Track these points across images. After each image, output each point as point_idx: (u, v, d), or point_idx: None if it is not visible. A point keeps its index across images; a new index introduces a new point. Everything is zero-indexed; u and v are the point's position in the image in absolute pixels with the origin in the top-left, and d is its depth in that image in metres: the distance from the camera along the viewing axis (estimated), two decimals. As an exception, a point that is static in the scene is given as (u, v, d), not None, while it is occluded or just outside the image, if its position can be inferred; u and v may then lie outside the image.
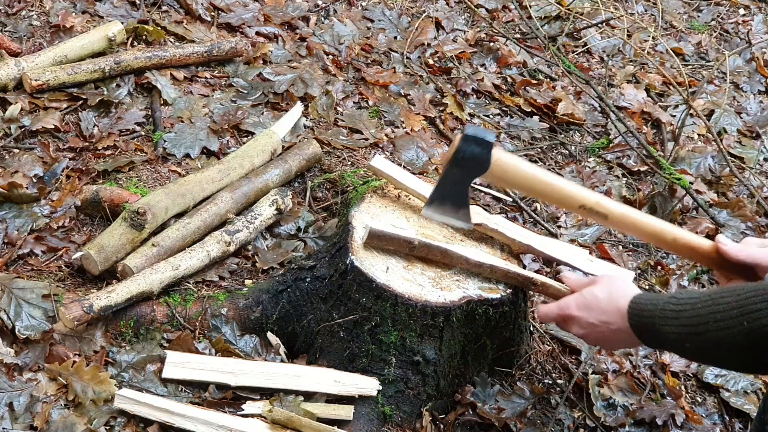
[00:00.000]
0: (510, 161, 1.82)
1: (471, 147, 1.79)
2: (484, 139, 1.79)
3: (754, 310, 1.47)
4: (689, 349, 1.61)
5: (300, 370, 1.97)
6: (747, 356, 1.51)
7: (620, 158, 3.08)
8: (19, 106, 2.52)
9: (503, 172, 1.81)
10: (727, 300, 1.52)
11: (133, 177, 2.43)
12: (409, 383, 1.97)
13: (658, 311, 1.62)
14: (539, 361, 2.24)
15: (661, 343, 1.66)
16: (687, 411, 2.20)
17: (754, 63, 3.76)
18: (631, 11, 3.86)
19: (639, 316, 1.66)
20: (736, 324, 1.49)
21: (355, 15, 3.36)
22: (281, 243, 2.37)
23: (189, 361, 1.95)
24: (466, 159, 1.80)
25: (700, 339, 1.55)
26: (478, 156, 1.79)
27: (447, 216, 1.89)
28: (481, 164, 1.80)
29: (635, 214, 1.84)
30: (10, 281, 2.04)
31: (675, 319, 1.58)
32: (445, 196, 1.86)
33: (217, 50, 2.88)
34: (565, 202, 1.85)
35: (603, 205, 1.82)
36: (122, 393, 1.85)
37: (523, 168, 1.82)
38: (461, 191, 1.86)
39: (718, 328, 1.51)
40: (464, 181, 1.85)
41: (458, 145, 1.79)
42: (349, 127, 2.83)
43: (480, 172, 1.81)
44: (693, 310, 1.56)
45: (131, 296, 2.01)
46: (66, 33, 2.81)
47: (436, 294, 1.92)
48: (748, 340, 1.47)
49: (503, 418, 2.04)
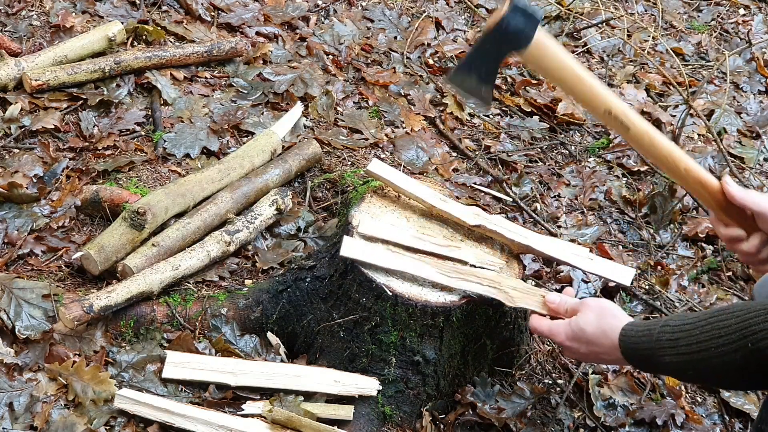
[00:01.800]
0: (551, 45, 1.72)
1: (517, 17, 1.68)
2: (533, 14, 1.69)
3: (756, 330, 1.45)
4: (691, 375, 1.60)
5: (300, 370, 1.97)
6: (752, 377, 1.49)
7: (620, 158, 3.08)
8: (19, 106, 2.52)
9: (541, 54, 1.71)
10: (726, 322, 1.50)
11: (133, 177, 2.43)
12: (409, 383, 1.97)
13: (654, 342, 1.60)
14: (539, 361, 2.24)
15: (660, 371, 1.64)
16: (687, 411, 2.20)
17: (754, 63, 3.76)
18: (631, 11, 3.85)
19: (633, 349, 1.64)
20: (739, 347, 1.47)
21: (355, 15, 3.36)
22: (281, 243, 2.37)
23: (189, 361, 1.95)
24: (509, 29, 1.69)
25: (702, 365, 1.53)
26: (522, 29, 1.68)
27: (469, 89, 1.79)
28: (522, 38, 1.69)
29: (656, 134, 1.77)
30: (10, 281, 2.04)
31: (672, 348, 1.56)
32: (474, 66, 1.77)
33: (217, 50, 2.88)
34: (592, 103, 1.77)
35: (629, 116, 1.75)
36: (122, 393, 1.85)
37: (561, 56, 1.73)
38: (491, 65, 1.77)
39: (721, 354, 1.50)
40: (498, 53, 1.74)
41: (505, 13, 1.68)
42: (349, 127, 2.83)
43: (518, 47, 1.70)
44: (691, 337, 1.55)
45: (131, 296, 2.01)
46: (66, 33, 2.81)
47: (436, 294, 1.92)
48: (752, 362, 1.46)
49: (503, 418, 2.04)
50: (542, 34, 1.70)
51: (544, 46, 1.71)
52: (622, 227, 2.82)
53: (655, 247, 2.75)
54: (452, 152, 2.89)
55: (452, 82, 1.82)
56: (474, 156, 2.88)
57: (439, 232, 2.07)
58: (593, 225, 2.77)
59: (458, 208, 2.09)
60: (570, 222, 2.76)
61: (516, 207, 2.73)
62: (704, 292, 2.61)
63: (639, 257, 2.71)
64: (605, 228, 2.78)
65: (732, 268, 2.72)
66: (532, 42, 1.69)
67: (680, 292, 2.58)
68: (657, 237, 2.80)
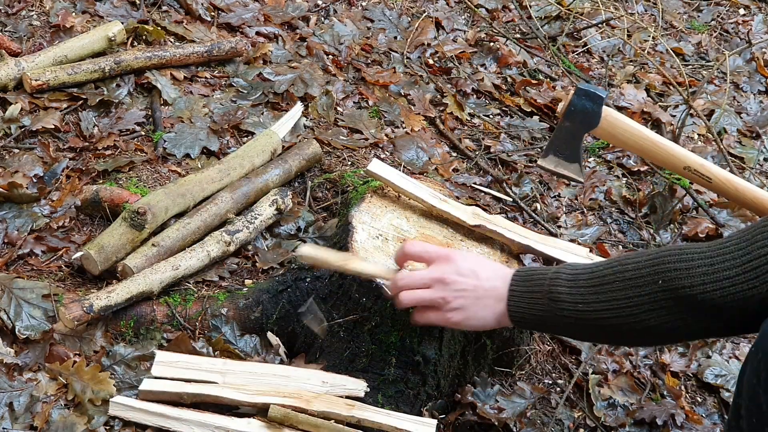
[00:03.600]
0: (619, 118, 1.90)
1: (583, 101, 1.87)
2: (596, 93, 1.87)
3: (670, 269, 1.42)
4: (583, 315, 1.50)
5: (288, 370, 1.97)
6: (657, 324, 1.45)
7: (620, 158, 3.08)
8: (19, 106, 2.52)
9: (613, 128, 1.90)
10: (636, 260, 1.47)
11: (133, 177, 2.43)
12: (409, 383, 1.97)
13: (551, 273, 1.54)
14: (539, 361, 2.24)
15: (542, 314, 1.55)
16: (687, 411, 2.20)
17: (754, 63, 3.76)
18: (631, 11, 3.85)
19: (524, 279, 1.58)
20: (648, 282, 1.43)
21: (355, 15, 3.36)
22: (281, 243, 2.37)
23: (178, 360, 1.95)
24: (578, 113, 1.88)
25: (600, 300, 1.47)
26: (590, 110, 1.88)
27: (560, 168, 1.98)
28: (592, 118, 1.88)
29: (738, 181, 1.90)
30: (10, 281, 2.04)
31: (572, 281, 1.51)
32: (559, 149, 1.96)
33: (217, 50, 2.88)
34: (670, 163, 1.93)
35: (707, 168, 1.91)
36: (116, 400, 1.84)
37: (632, 126, 1.90)
38: (574, 145, 1.95)
39: (626, 287, 1.45)
40: (576, 135, 1.93)
41: (571, 99, 1.88)
42: (349, 127, 2.83)
43: (591, 127, 1.89)
44: (592, 273, 1.50)
45: (131, 296, 2.01)
46: (66, 33, 2.81)
47: (436, 294, 1.92)
48: (662, 301, 1.43)
49: (503, 418, 2.04)
50: (609, 111, 1.90)
51: (615, 120, 1.90)
52: (622, 227, 2.83)
53: (655, 247, 2.75)
54: (452, 152, 2.89)
55: (542, 167, 2.02)
56: (474, 156, 2.88)
57: (439, 232, 2.07)
58: (593, 225, 2.77)
59: (458, 208, 2.09)
60: (570, 222, 2.76)
61: (516, 207, 2.73)
62: (704, 292, 2.61)
63: (639, 257, 2.71)
64: (605, 228, 2.78)
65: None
66: (602, 119, 1.89)
67: (680, 292, 2.58)
68: (657, 237, 2.80)
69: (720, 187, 1.89)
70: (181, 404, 1.87)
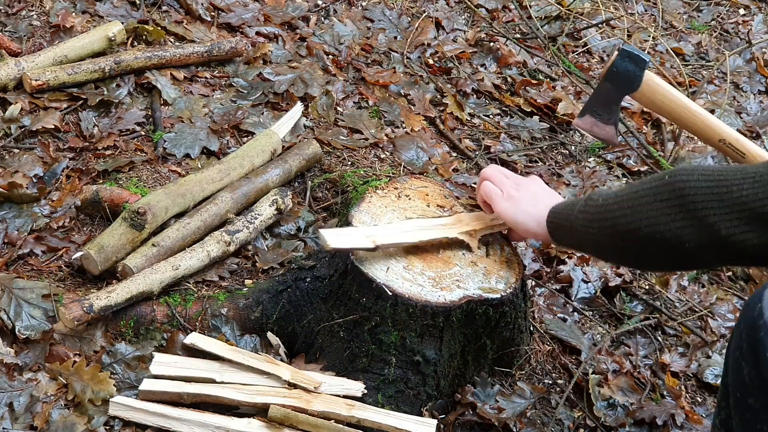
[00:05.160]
0: (660, 83, 1.89)
1: (626, 63, 1.87)
2: (640, 56, 1.87)
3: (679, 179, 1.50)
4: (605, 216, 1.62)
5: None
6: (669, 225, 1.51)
7: (620, 158, 3.08)
8: (19, 106, 2.52)
9: (653, 93, 1.89)
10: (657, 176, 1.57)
11: (133, 177, 2.43)
12: (409, 383, 1.97)
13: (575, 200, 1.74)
14: (539, 361, 2.24)
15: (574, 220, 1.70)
16: (687, 411, 2.20)
17: (754, 63, 3.76)
18: (631, 11, 3.85)
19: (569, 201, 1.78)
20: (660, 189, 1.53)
21: (355, 15, 3.36)
22: (281, 243, 2.37)
23: (176, 361, 1.95)
24: (620, 74, 1.88)
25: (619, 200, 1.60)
26: (632, 73, 1.87)
27: (595, 129, 1.98)
28: (633, 81, 1.88)
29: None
30: (10, 281, 2.04)
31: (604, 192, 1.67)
32: (596, 110, 1.95)
33: (217, 50, 2.88)
34: (705, 134, 1.91)
35: (742, 143, 1.88)
36: (116, 400, 1.85)
37: (671, 93, 1.90)
38: (612, 107, 1.95)
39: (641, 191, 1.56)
40: (616, 96, 1.94)
41: (614, 60, 1.87)
42: (349, 127, 2.83)
43: (631, 90, 1.89)
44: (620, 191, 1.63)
45: (131, 296, 2.01)
46: (66, 33, 2.81)
47: (436, 294, 1.92)
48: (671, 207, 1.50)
49: (503, 418, 2.04)
50: (651, 75, 1.89)
51: (655, 85, 1.90)
52: (622, 227, 2.82)
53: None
54: (452, 152, 2.89)
55: (578, 126, 2.02)
56: (474, 156, 2.88)
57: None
58: (593, 225, 2.76)
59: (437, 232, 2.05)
60: (570, 222, 2.76)
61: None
62: (704, 292, 2.61)
63: (639, 257, 2.70)
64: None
65: (732, 268, 2.72)
66: (643, 83, 1.88)
67: (680, 292, 2.58)
68: (657, 237, 2.79)
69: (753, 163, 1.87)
70: (181, 404, 1.88)
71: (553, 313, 2.40)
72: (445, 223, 2.05)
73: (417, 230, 2.01)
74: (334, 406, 1.89)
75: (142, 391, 1.87)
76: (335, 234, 1.94)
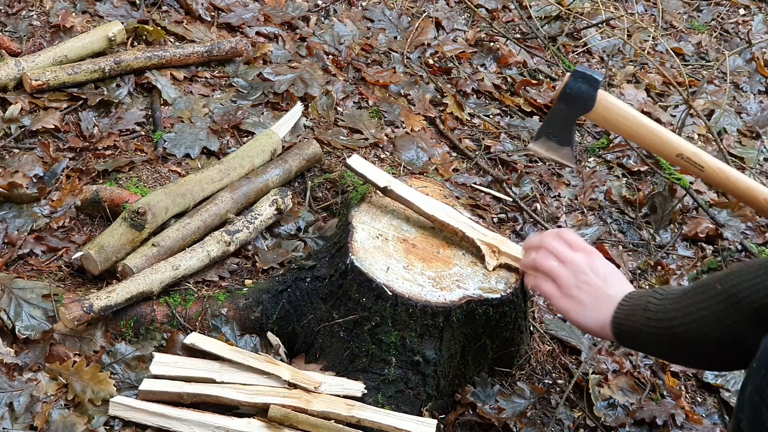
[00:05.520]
0: (615, 102, 1.88)
1: (579, 83, 1.86)
2: (593, 76, 1.86)
3: (735, 283, 1.46)
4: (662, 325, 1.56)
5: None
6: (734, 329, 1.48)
7: (620, 158, 3.08)
8: (19, 106, 2.52)
9: (607, 111, 1.88)
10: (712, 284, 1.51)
11: (133, 177, 2.43)
12: (409, 383, 1.97)
13: (651, 291, 1.62)
14: (539, 361, 2.24)
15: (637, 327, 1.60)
16: (687, 411, 2.20)
17: (754, 63, 3.76)
18: (631, 11, 3.85)
19: (632, 296, 1.64)
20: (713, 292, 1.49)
21: (355, 15, 3.36)
22: (281, 243, 2.37)
23: (176, 361, 1.95)
24: (573, 95, 1.87)
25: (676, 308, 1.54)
26: (585, 93, 1.86)
27: (551, 152, 1.95)
28: (587, 101, 1.86)
29: (730, 170, 1.87)
30: (10, 281, 2.04)
31: (663, 294, 1.58)
32: (552, 132, 1.92)
33: (217, 50, 2.88)
34: (663, 149, 1.89)
35: (700, 156, 1.86)
36: (116, 400, 1.85)
37: (626, 111, 1.88)
38: (567, 129, 1.92)
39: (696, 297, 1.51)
40: (570, 118, 1.91)
41: (567, 81, 1.86)
42: (349, 127, 2.83)
43: (585, 110, 1.87)
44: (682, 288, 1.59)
45: (131, 296, 2.01)
46: (66, 33, 2.81)
47: (436, 294, 1.92)
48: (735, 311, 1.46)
49: (503, 418, 2.04)
50: (605, 95, 1.88)
51: (609, 104, 1.88)
52: (622, 227, 2.83)
53: (655, 247, 2.75)
54: (452, 152, 2.89)
55: (534, 151, 1.98)
56: (474, 156, 2.88)
57: (440, 232, 2.07)
58: (593, 225, 2.77)
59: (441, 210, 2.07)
60: (570, 222, 2.76)
61: (516, 207, 2.73)
62: (704, 292, 2.61)
63: (639, 257, 2.71)
64: (605, 228, 2.78)
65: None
66: (597, 103, 1.86)
67: (680, 292, 2.58)
68: (657, 237, 2.80)
69: (712, 176, 1.85)
70: (181, 404, 1.88)
71: (553, 313, 2.40)
72: (474, 227, 2.03)
73: (436, 207, 2.02)
74: (334, 406, 1.89)
75: (142, 391, 1.87)
76: (361, 161, 2.10)
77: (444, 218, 2.02)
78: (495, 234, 2.06)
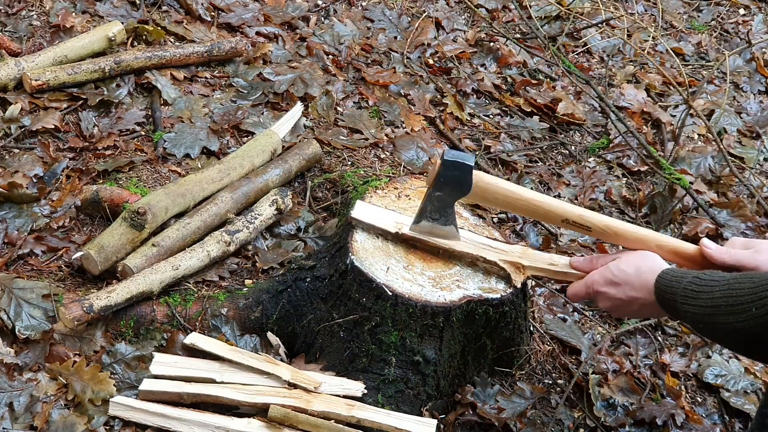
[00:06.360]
0: (490, 182, 1.87)
1: (450, 171, 1.84)
2: (464, 162, 1.83)
3: (763, 296, 1.49)
4: (703, 329, 1.66)
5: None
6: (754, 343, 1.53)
7: (620, 158, 3.08)
8: (19, 106, 2.52)
9: (484, 192, 1.87)
10: (742, 286, 1.55)
11: (133, 177, 2.43)
12: (409, 383, 1.97)
13: (681, 290, 1.65)
14: (539, 361, 2.24)
15: (681, 318, 1.70)
16: (687, 411, 2.20)
17: (754, 63, 3.76)
18: (631, 11, 3.85)
19: (663, 291, 1.69)
20: (745, 309, 1.52)
21: (355, 15, 3.36)
22: (281, 243, 2.37)
23: (176, 361, 1.95)
24: (448, 183, 1.85)
25: (712, 322, 1.58)
26: (459, 178, 1.84)
27: (435, 231, 1.95)
28: (462, 186, 1.85)
29: (618, 224, 1.89)
30: (10, 281, 2.04)
31: (694, 299, 1.61)
32: (431, 215, 1.93)
33: (217, 50, 2.88)
34: (548, 217, 1.91)
35: (585, 218, 1.88)
36: (116, 400, 1.85)
37: (503, 187, 1.88)
38: (447, 211, 1.92)
39: (729, 312, 1.54)
40: (449, 202, 1.91)
41: (438, 171, 1.84)
42: (349, 127, 2.83)
43: (463, 194, 1.87)
44: (711, 293, 1.60)
45: (131, 296, 2.01)
46: (66, 33, 2.81)
47: (436, 294, 1.92)
48: (755, 326, 1.50)
49: (503, 418, 2.04)
50: (480, 176, 1.85)
51: (486, 185, 1.86)
52: (622, 227, 2.82)
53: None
54: (452, 152, 2.89)
55: (415, 232, 1.97)
56: (474, 156, 2.88)
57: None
58: (593, 225, 2.76)
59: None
60: (570, 222, 2.76)
61: (516, 207, 2.73)
62: (704, 292, 2.60)
63: (639, 257, 2.70)
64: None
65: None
66: (473, 185, 1.85)
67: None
68: (657, 237, 2.79)
69: (600, 233, 1.88)
70: (181, 404, 1.88)
71: (553, 313, 2.40)
72: (492, 246, 2.01)
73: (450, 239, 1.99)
74: (334, 406, 1.89)
75: (142, 391, 1.87)
76: (367, 209, 2.00)
77: (462, 248, 1.99)
78: (514, 247, 2.03)
